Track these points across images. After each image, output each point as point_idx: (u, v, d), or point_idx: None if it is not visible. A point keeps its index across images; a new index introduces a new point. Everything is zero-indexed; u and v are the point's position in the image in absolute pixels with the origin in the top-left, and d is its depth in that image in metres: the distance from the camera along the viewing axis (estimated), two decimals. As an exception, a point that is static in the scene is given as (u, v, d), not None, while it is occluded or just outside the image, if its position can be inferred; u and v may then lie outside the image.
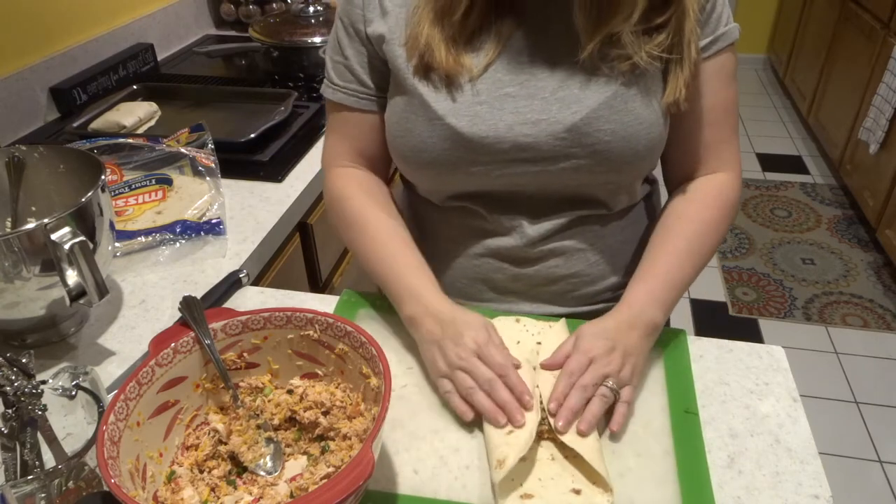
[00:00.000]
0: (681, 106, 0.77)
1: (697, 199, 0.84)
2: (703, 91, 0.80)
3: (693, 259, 0.80)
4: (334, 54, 0.85)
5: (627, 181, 0.83)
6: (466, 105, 0.76)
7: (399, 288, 0.79)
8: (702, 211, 0.83)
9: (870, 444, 1.87)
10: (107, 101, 1.40)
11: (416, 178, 0.87)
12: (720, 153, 0.84)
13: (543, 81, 0.76)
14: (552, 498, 0.62)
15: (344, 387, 0.69)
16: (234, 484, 0.63)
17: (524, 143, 0.77)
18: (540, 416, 0.68)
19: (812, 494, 0.64)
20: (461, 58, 0.76)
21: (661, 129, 0.79)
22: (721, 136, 0.84)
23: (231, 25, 2.03)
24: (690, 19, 0.74)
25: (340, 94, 0.85)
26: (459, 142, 0.77)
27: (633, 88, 0.75)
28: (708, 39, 0.78)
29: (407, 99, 0.79)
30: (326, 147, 0.91)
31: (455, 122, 0.76)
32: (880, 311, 2.33)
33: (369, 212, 0.84)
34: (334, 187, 0.88)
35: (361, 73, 0.83)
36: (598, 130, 0.75)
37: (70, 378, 0.65)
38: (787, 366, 0.79)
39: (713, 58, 0.79)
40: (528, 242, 0.84)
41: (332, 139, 0.90)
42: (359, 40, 0.82)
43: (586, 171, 0.78)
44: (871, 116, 2.54)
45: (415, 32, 0.76)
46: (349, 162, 0.89)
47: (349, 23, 0.82)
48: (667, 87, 0.77)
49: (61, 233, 0.72)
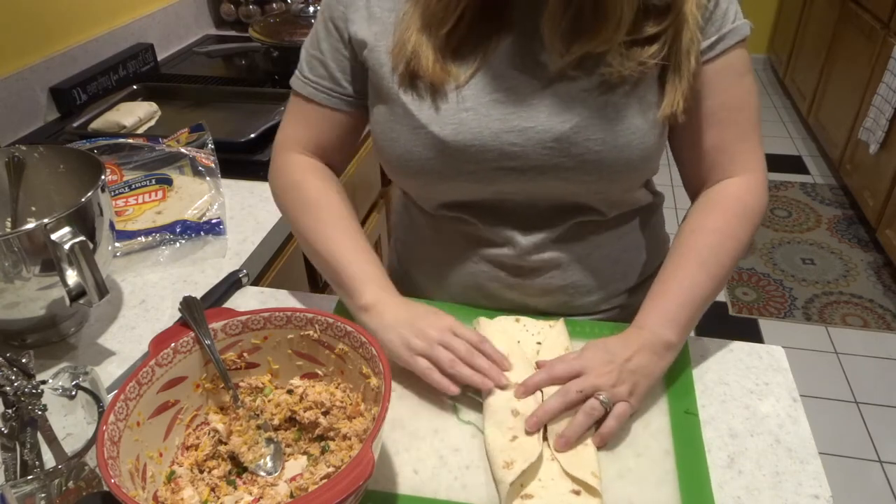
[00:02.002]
0: (678, 118, 0.74)
1: (710, 208, 0.80)
2: (709, 92, 0.76)
3: (710, 272, 0.76)
4: (310, 47, 0.84)
5: (619, 191, 0.80)
6: (451, 113, 0.75)
7: (357, 275, 0.78)
8: (716, 221, 0.78)
9: (870, 444, 1.87)
10: (107, 101, 1.40)
11: (406, 187, 0.86)
12: (734, 154, 0.79)
13: (531, 89, 0.74)
14: (552, 499, 0.62)
15: (344, 387, 0.69)
16: (234, 484, 0.63)
17: (511, 152, 0.75)
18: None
19: (812, 494, 0.64)
20: (448, 66, 0.74)
21: (656, 139, 0.76)
22: (734, 136, 0.79)
23: (231, 25, 2.03)
24: (689, 28, 0.71)
25: (310, 89, 0.83)
26: (444, 150, 0.75)
27: (626, 97, 0.73)
28: (712, 39, 0.74)
29: (390, 108, 0.78)
30: (286, 131, 0.88)
31: (439, 131, 0.75)
32: (880, 311, 2.33)
33: (324, 199, 0.83)
34: (289, 171, 0.86)
35: (335, 70, 0.82)
36: (588, 140, 0.73)
37: (70, 378, 0.65)
38: (787, 366, 0.79)
39: (719, 57, 0.75)
40: (521, 252, 0.82)
41: (291, 124, 0.88)
42: (337, 37, 0.80)
43: (575, 181, 0.76)
44: (871, 116, 2.54)
45: (402, 39, 0.75)
46: (305, 150, 0.87)
47: (329, 17, 0.81)
48: (664, 99, 0.74)
49: (61, 233, 0.72)
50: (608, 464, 0.66)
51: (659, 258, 0.94)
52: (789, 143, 3.47)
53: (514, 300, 0.86)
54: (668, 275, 0.77)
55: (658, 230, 0.94)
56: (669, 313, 0.74)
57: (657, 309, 0.75)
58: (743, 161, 0.80)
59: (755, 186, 0.80)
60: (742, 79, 0.77)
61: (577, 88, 0.73)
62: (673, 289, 0.76)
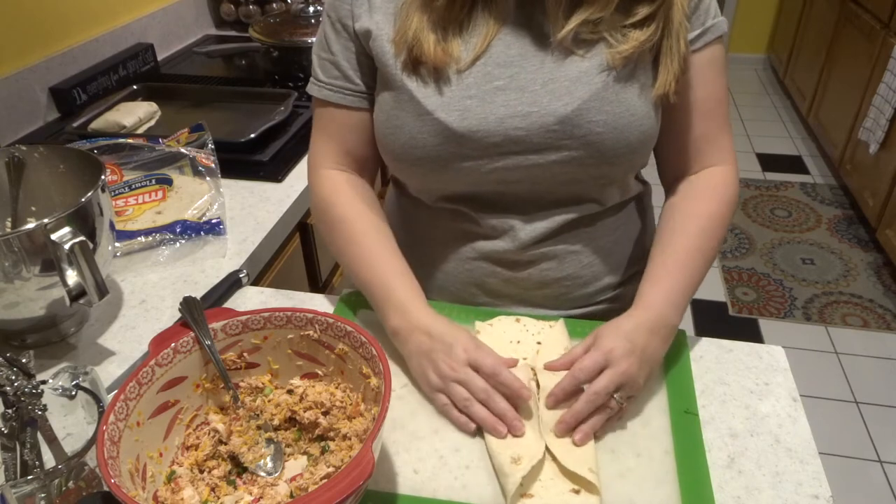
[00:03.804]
0: (670, 98, 0.77)
1: (698, 195, 0.83)
2: (694, 83, 0.80)
3: (703, 256, 0.79)
4: (321, 51, 0.84)
5: (619, 175, 0.83)
6: (456, 99, 0.76)
7: (385, 297, 0.78)
8: (706, 206, 0.82)
9: (870, 444, 1.87)
10: (107, 101, 1.40)
11: (407, 176, 0.86)
12: (715, 145, 0.83)
13: (533, 73, 0.76)
14: (552, 498, 0.62)
15: (344, 387, 0.69)
16: (234, 484, 0.63)
17: (515, 136, 0.76)
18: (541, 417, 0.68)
19: (812, 494, 0.64)
20: (449, 48, 0.75)
21: (653, 121, 0.78)
22: (714, 128, 0.83)
23: (231, 25, 2.03)
24: (678, 11, 0.74)
25: (326, 91, 0.84)
26: (450, 136, 0.76)
27: (624, 80, 0.75)
28: (697, 32, 0.78)
29: (395, 95, 0.78)
30: (313, 148, 0.89)
31: (445, 117, 0.76)
32: (880, 311, 2.33)
33: (356, 216, 0.83)
34: (322, 190, 0.86)
35: (348, 70, 0.82)
36: (590, 122, 0.75)
37: (70, 378, 0.65)
38: (787, 366, 0.79)
39: (703, 50, 0.79)
40: (519, 246, 0.83)
41: (319, 140, 0.88)
42: (346, 36, 0.81)
43: (578, 164, 0.78)
44: (870, 116, 2.54)
45: (403, 26, 0.76)
46: (336, 164, 0.87)
47: (336, 18, 0.81)
48: (657, 80, 0.77)
49: (61, 233, 0.72)
50: (608, 464, 0.66)
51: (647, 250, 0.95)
52: (789, 143, 3.47)
53: (511, 293, 0.87)
54: (665, 255, 0.79)
55: (648, 222, 0.96)
56: (674, 295, 0.75)
57: (662, 291, 0.75)
58: (723, 152, 0.84)
59: (733, 177, 0.85)
60: (722, 75, 0.82)
61: (578, 71, 0.75)
62: (675, 272, 0.77)
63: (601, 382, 0.67)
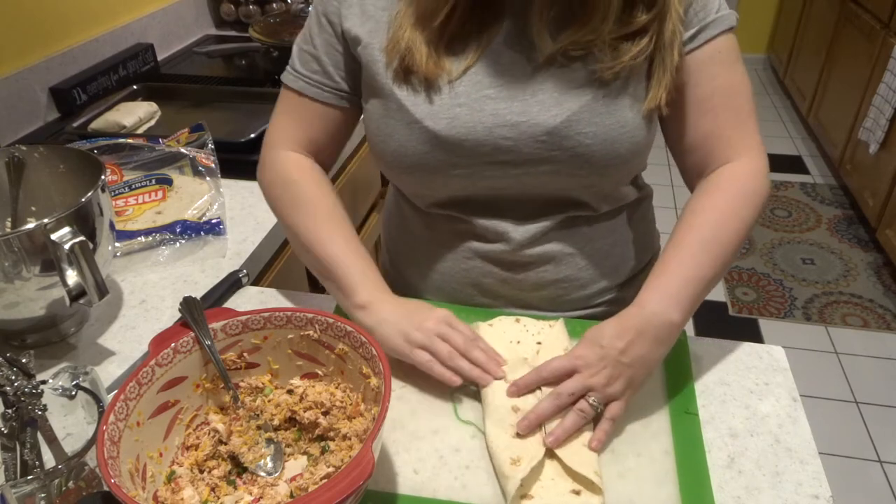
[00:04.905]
0: (662, 111, 0.76)
1: (711, 190, 0.79)
2: (698, 80, 0.77)
3: (712, 250, 0.74)
4: (303, 43, 0.84)
5: (610, 185, 0.82)
6: (445, 108, 0.76)
7: (351, 273, 0.78)
8: (716, 200, 0.77)
9: (870, 444, 1.87)
10: (107, 101, 1.40)
11: (400, 183, 0.87)
12: (730, 140, 0.79)
13: (523, 83, 0.75)
14: (552, 499, 0.62)
15: (344, 387, 0.69)
16: (234, 484, 0.63)
17: (504, 146, 0.76)
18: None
19: (812, 494, 0.64)
20: (442, 61, 0.75)
21: (645, 132, 0.77)
22: (728, 123, 0.78)
23: (231, 25, 2.03)
24: (672, 20, 0.72)
25: (302, 83, 0.84)
26: (438, 144, 0.76)
27: (615, 92, 0.74)
28: (694, 30, 0.75)
29: (384, 103, 0.78)
30: (275, 128, 0.88)
31: (433, 125, 0.76)
32: (880, 311, 2.33)
33: (322, 197, 0.83)
34: (284, 168, 0.86)
35: (328, 65, 0.82)
36: (580, 133, 0.74)
37: (70, 378, 0.65)
38: (787, 366, 0.79)
39: (703, 46, 0.75)
40: (515, 247, 0.83)
41: (283, 122, 0.87)
42: (331, 32, 0.81)
43: (567, 174, 0.77)
44: (870, 116, 2.54)
45: (396, 36, 0.76)
46: (297, 147, 0.87)
47: (322, 12, 0.81)
48: (648, 94, 0.75)
49: (61, 233, 0.72)
50: (608, 464, 0.66)
51: (650, 253, 0.95)
52: (789, 142, 3.47)
53: (508, 296, 0.87)
54: (668, 254, 0.76)
55: (648, 224, 0.95)
56: (671, 290, 0.72)
57: (658, 287, 0.73)
58: (740, 146, 0.79)
59: (754, 170, 0.79)
60: (732, 66, 0.77)
61: (569, 83, 0.74)
62: (673, 267, 0.74)
63: (566, 385, 0.68)
